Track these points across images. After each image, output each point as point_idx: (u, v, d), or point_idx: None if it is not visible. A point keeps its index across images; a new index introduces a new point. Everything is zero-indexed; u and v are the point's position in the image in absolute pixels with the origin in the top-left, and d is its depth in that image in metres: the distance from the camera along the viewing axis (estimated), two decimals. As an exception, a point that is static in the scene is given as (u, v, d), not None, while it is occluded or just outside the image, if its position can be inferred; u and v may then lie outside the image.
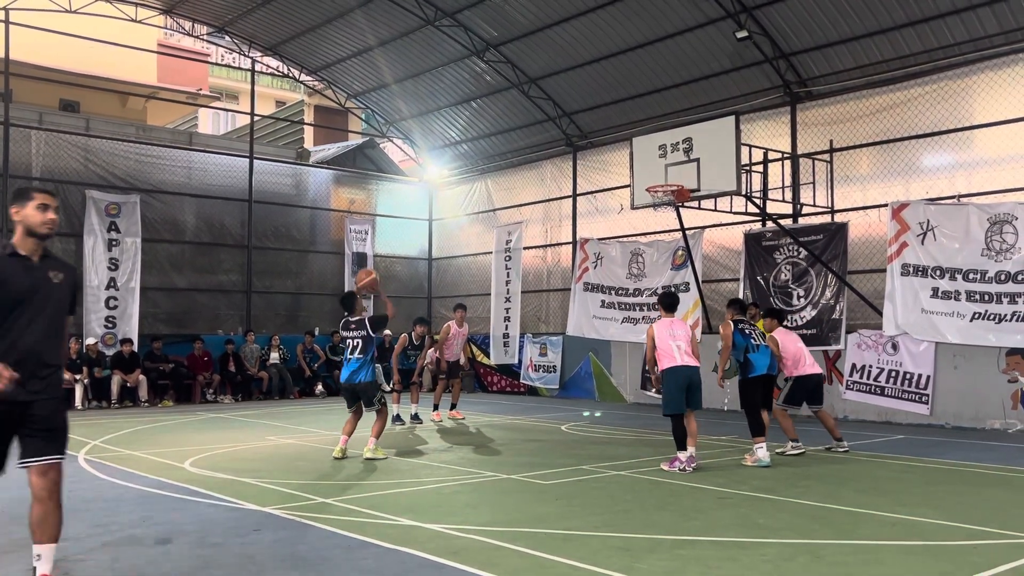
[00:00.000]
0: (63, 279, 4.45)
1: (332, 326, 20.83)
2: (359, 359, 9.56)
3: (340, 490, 7.59)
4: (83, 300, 17.62)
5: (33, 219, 4.32)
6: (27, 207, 4.32)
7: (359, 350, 9.59)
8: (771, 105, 15.84)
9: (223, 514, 6.61)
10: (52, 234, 4.42)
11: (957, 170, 13.67)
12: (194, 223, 19.69)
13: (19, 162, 17.36)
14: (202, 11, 19.91)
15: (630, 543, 5.64)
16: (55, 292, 4.40)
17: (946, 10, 13.10)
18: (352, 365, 9.60)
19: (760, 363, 9.57)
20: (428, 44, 18.97)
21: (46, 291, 4.35)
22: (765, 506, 6.89)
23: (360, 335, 9.61)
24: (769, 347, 9.77)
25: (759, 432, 9.21)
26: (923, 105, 13.92)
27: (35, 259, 4.35)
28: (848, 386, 13.86)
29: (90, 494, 7.44)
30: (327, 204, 22.11)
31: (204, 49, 28.38)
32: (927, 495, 7.44)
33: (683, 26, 15.66)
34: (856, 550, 5.49)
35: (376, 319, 9.71)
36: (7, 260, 4.29)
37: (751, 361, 9.57)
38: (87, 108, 21.05)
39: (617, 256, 17.66)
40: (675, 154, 13.71)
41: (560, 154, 20.08)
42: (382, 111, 22.63)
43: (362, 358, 9.56)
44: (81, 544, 5.66)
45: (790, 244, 14.74)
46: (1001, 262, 12.14)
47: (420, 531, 5.99)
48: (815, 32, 14.58)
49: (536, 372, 19.57)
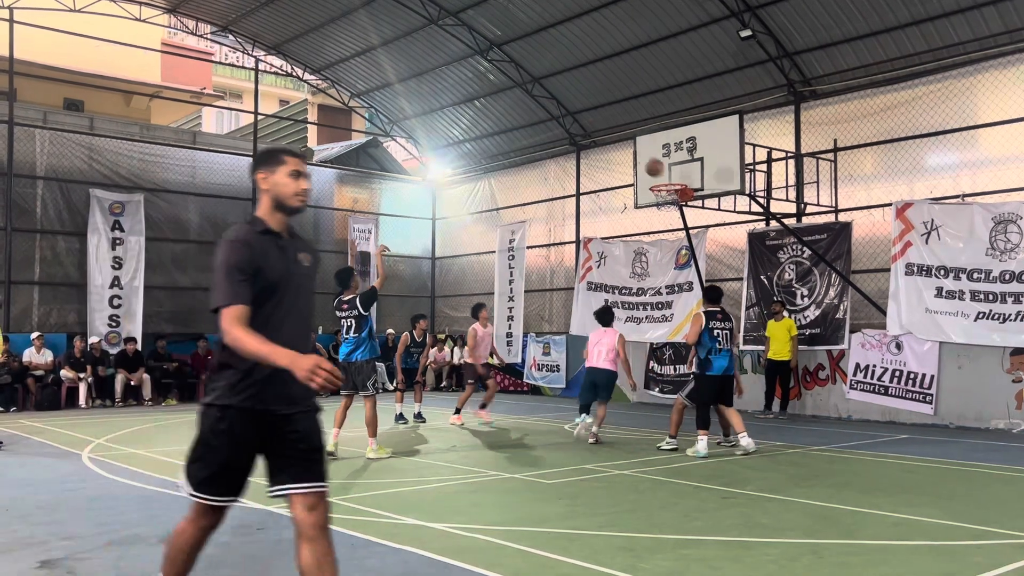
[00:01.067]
0: (311, 263, 3.73)
1: (335, 325, 20.85)
2: (354, 338, 9.52)
3: (344, 489, 7.59)
4: (89, 299, 17.68)
5: (285, 188, 3.57)
6: (277, 173, 3.57)
7: (353, 329, 9.54)
8: (775, 104, 15.81)
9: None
10: (304, 207, 3.70)
11: (961, 169, 13.64)
12: (198, 222, 19.71)
13: (23, 161, 17.39)
14: (206, 10, 19.92)
15: (634, 543, 5.63)
16: (306, 279, 3.68)
17: (950, 9, 13.07)
18: (347, 345, 9.56)
19: (718, 364, 9.77)
20: (431, 43, 18.97)
21: (298, 277, 3.61)
22: (769, 506, 6.88)
23: (352, 315, 9.55)
24: (731, 351, 9.95)
25: (704, 425, 9.66)
26: (927, 104, 13.89)
27: (285, 237, 3.63)
28: (852, 386, 13.84)
29: (94, 493, 7.45)
30: (331, 203, 22.13)
31: (208, 48, 28.42)
32: (931, 495, 7.43)
33: (687, 25, 15.64)
34: (860, 550, 5.49)
35: (365, 296, 9.61)
36: (259, 239, 3.51)
37: (711, 361, 9.77)
38: (91, 107, 21.09)
39: (621, 255, 17.66)
40: (679, 153, 13.70)
41: (564, 153, 20.07)
42: (385, 110, 22.63)
43: (357, 336, 9.50)
44: (85, 543, 5.66)
45: (794, 243, 14.72)
46: (1005, 262, 12.11)
47: (424, 530, 5.99)
48: (819, 31, 14.56)
49: (539, 371, 19.57)
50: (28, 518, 6.42)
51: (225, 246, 3.46)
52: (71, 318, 17.76)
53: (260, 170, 3.60)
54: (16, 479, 8.20)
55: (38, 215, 17.56)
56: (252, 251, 3.42)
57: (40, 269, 17.58)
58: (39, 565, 5.10)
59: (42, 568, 5.04)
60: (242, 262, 3.39)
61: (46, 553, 5.37)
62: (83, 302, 17.68)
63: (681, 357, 16.38)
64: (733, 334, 10.02)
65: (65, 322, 17.70)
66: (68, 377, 16.18)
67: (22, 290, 17.37)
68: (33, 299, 17.54)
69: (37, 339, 16.28)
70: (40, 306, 17.56)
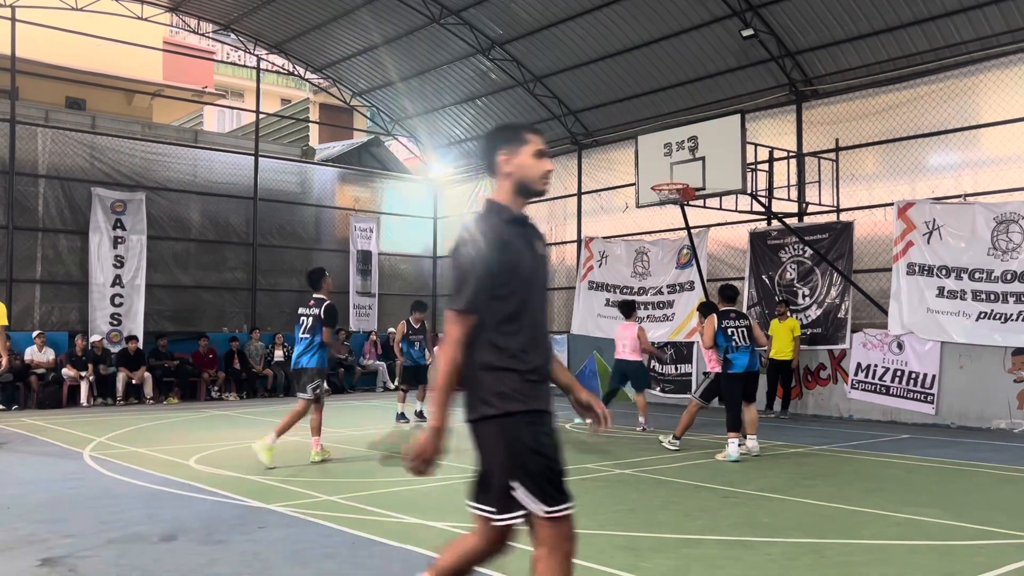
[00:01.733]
0: (545, 249, 3.38)
1: (336, 324, 20.85)
2: (305, 339, 9.06)
3: (344, 487, 7.59)
4: (90, 298, 17.70)
5: (532, 171, 3.24)
6: (521, 153, 3.24)
7: (307, 329, 9.08)
8: (777, 104, 15.80)
9: (228, 511, 6.62)
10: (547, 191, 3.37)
11: (963, 169, 13.62)
12: (199, 221, 19.72)
13: (25, 159, 17.40)
14: (208, 9, 19.93)
15: (635, 542, 5.63)
16: (546, 270, 3.38)
17: (952, 9, 13.06)
18: (299, 347, 9.16)
19: (739, 362, 9.57)
20: (433, 42, 18.97)
21: (542, 267, 3.32)
22: (770, 505, 6.88)
23: (313, 313, 9.09)
24: (751, 348, 9.69)
25: (734, 427, 9.39)
26: (929, 104, 13.88)
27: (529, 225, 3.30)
28: (853, 385, 13.83)
29: (95, 491, 7.45)
30: (332, 202, 22.13)
31: (210, 47, 28.40)
32: (932, 495, 7.42)
33: (689, 24, 15.63)
34: (862, 549, 5.48)
35: (333, 312, 9.17)
36: (511, 229, 3.18)
37: (730, 360, 9.59)
38: (93, 106, 21.10)
39: (622, 255, 17.65)
40: (680, 152, 13.70)
41: (565, 152, 20.07)
42: (387, 109, 22.63)
43: (308, 338, 9.07)
44: (86, 540, 5.66)
45: (795, 243, 14.72)
46: (1007, 261, 12.11)
47: (425, 529, 5.99)
48: (821, 31, 14.55)
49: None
50: (29, 516, 6.42)
51: (479, 241, 3.13)
52: (72, 316, 17.77)
53: (501, 150, 3.25)
54: (17, 477, 8.20)
55: (40, 213, 17.57)
56: (507, 248, 3.12)
57: (42, 267, 17.59)
58: (40, 563, 5.10)
59: (43, 566, 5.04)
60: (496, 263, 3.09)
61: (47, 551, 5.37)
62: (84, 300, 17.69)
63: (683, 356, 16.38)
64: (752, 331, 9.69)
65: (67, 320, 17.71)
66: (70, 375, 16.19)
67: (24, 288, 17.38)
68: (35, 297, 17.55)
69: (38, 337, 16.30)
70: (42, 304, 17.58)
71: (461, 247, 3.14)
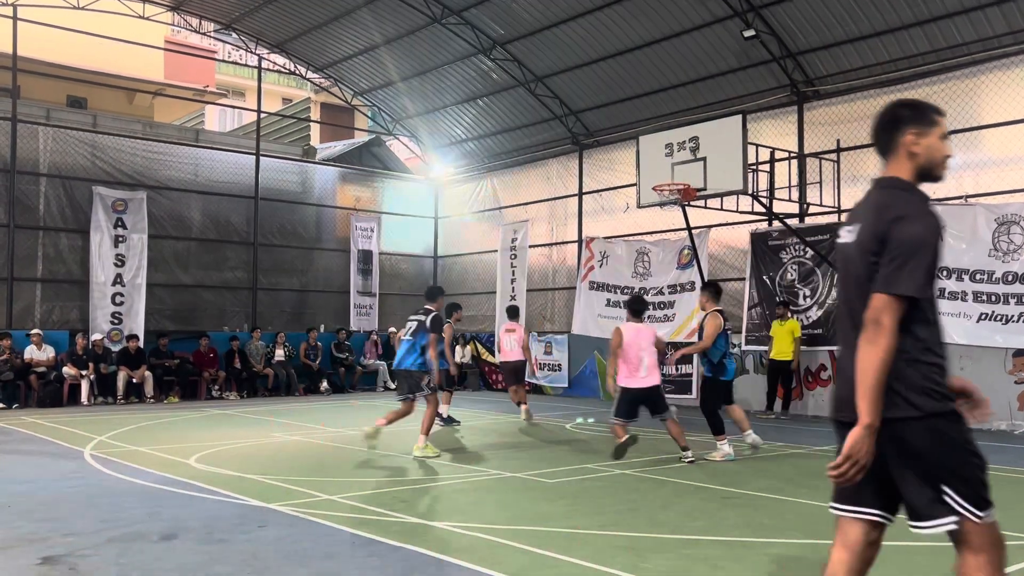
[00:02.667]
0: None
1: (337, 323, 20.90)
2: (408, 341, 9.82)
3: (345, 487, 7.59)
4: (91, 296, 17.71)
5: (939, 154, 3.12)
6: (931, 135, 3.08)
7: (410, 332, 9.87)
8: (778, 104, 15.80)
9: (228, 510, 6.62)
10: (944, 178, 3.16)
11: (964, 170, 13.61)
12: (200, 220, 19.73)
13: (27, 158, 17.41)
14: (209, 8, 19.94)
15: (635, 542, 5.63)
16: None
17: (954, 10, 13.05)
18: (401, 349, 9.91)
19: (731, 367, 9.57)
20: (435, 42, 18.97)
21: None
22: (770, 506, 6.88)
23: (417, 319, 9.90)
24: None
25: (720, 431, 9.35)
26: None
27: None
28: (854, 386, 13.80)
29: (96, 489, 7.46)
30: (333, 201, 22.14)
31: (211, 46, 28.41)
32: (933, 496, 7.41)
33: (690, 25, 15.63)
34: (861, 550, 5.47)
35: (438, 320, 9.90)
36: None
37: (725, 366, 9.46)
38: (94, 104, 21.12)
39: (623, 255, 17.65)
40: (681, 153, 13.69)
41: (566, 152, 20.07)
42: (388, 109, 22.63)
43: (411, 341, 9.77)
44: (87, 539, 5.67)
45: (796, 244, 14.71)
46: (1008, 263, 12.10)
47: (425, 528, 5.99)
48: (822, 31, 14.54)
49: (541, 371, 19.55)
50: (30, 515, 6.42)
51: (927, 219, 2.90)
52: (73, 315, 17.78)
53: (911, 128, 3.06)
54: (18, 476, 8.21)
55: (41, 212, 17.58)
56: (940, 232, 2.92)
57: (43, 266, 17.60)
58: (40, 561, 5.10)
59: (43, 564, 5.04)
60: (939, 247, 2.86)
61: (48, 550, 5.37)
62: (85, 299, 17.70)
63: (683, 357, 16.33)
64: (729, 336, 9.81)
65: (67, 319, 17.72)
66: (70, 374, 16.19)
67: (24, 287, 17.39)
68: (35, 296, 17.56)
69: (35, 336, 16.27)
70: (42, 303, 17.59)
71: (907, 223, 2.87)
